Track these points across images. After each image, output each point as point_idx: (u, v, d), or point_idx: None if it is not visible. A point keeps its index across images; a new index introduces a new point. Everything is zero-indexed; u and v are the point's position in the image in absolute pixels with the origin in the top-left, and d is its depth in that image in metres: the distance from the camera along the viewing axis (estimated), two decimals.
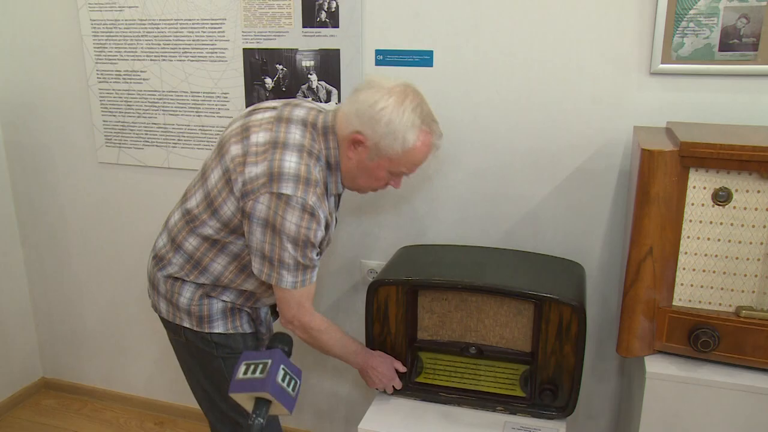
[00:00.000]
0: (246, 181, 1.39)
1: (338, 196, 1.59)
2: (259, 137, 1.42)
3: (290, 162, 1.38)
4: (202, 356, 1.60)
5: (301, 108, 1.49)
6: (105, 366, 2.70)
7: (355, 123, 1.42)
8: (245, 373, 0.95)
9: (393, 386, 1.69)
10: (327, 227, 1.47)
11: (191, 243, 1.51)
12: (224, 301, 1.56)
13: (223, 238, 1.48)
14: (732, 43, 1.61)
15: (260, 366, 0.95)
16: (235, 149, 1.43)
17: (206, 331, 1.56)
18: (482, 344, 1.69)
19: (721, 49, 1.62)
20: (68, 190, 2.50)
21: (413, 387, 1.74)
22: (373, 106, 1.40)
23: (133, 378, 2.66)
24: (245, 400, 0.96)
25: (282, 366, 0.96)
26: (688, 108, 1.68)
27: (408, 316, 1.70)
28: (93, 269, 2.57)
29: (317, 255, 1.47)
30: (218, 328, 1.56)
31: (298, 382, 0.98)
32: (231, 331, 1.57)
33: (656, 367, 1.40)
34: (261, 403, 0.94)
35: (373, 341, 1.73)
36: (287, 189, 1.36)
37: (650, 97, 1.71)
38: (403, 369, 1.70)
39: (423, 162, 1.49)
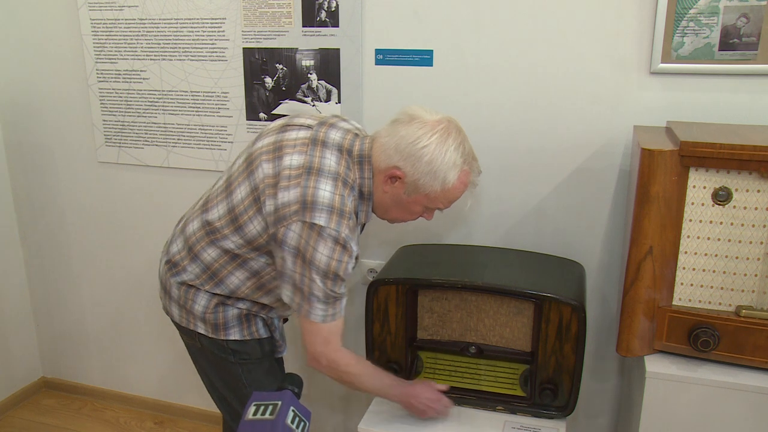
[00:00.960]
0: (278, 207, 1.35)
1: (363, 226, 1.55)
2: (293, 160, 1.38)
3: (324, 191, 1.34)
4: (218, 362, 1.58)
5: (337, 130, 1.45)
6: (105, 365, 2.70)
7: (395, 158, 1.38)
8: (255, 413, 0.94)
9: (445, 407, 1.61)
10: (356, 259, 1.43)
11: (210, 254, 1.48)
12: (239, 308, 1.53)
13: (245, 254, 1.45)
14: (732, 42, 1.61)
15: (270, 407, 0.94)
16: (266, 168, 1.39)
17: (222, 338, 1.53)
18: (482, 344, 1.69)
19: (721, 49, 1.62)
20: (68, 189, 2.50)
21: None
22: (415, 143, 1.36)
23: (133, 377, 2.66)
24: None
25: (292, 407, 0.95)
26: (688, 107, 1.68)
27: (408, 315, 1.70)
28: (93, 268, 2.57)
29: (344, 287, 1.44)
30: (234, 335, 1.53)
31: (307, 424, 0.97)
32: (247, 338, 1.55)
33: (656, 366, 1.40)
34: None
35: (373, 341, 1.73)
36: (320, 219, 1.32)
37: (650, 97, 1.71)
38: (445, 388, 1.62)
39: (458, 198, 1.46)
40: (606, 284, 1.91)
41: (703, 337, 1.35)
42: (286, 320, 1.83)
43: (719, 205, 1.33)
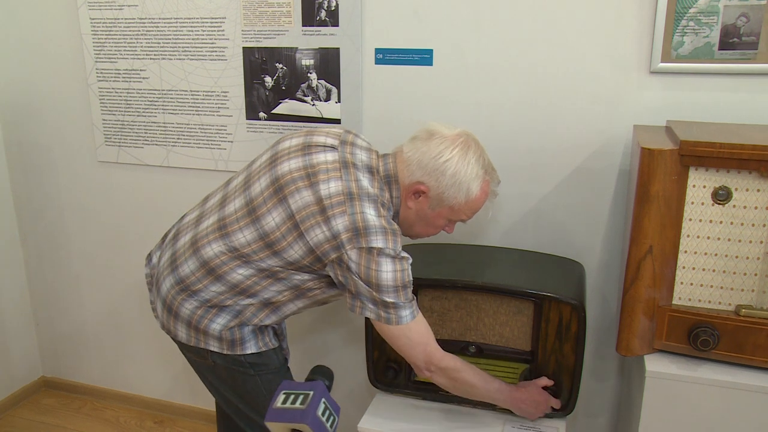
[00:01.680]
0: (329, 237, 1.36)
1: None
2: (330, 187, 1.38)
3: (371, 215, 1.37)
4: (234, 377, 1.55)
5: (361, 150, 1.48)
6: (105, 365, 2.70)
7: (418, 173, 1.43)
8: (284, 402, 0.92)
9: (553, 404, 1.61)
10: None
11: (241, 273, 1.45)
12: (254, 324, 1.52)
13: (285, 272, 1.44)
14: (732, 41, 1.61)
15: (301, 397, 0.92)
16: (305, 195, 1.38)
17: (239, 353, 1.51)
18: (482, 343, 1.69)
19: (721, 48, 1.62)
20: (68, 188, 2.50)
21: (413, 386, 1.74)
22: (437, 158, 1.41)
23: (133, 377, 2.66)
24: (279, 431, 0.93)
25: (323, 399, 0.93)
26: (688, 107, 1.68)
27: None
28: (93, 268, 2.57)
29: None
30: (251, 348, 1.52)
31: (336, 418, 0.95)
32: (263, 349, 1.54)
33: (656, 366, 1.40)
34: None
35: (374, 341, 1.73)
36: (377, 243, 1.35)
37: (650, 96, 1.71)
38: (549, 383, 1.62)
39: (480, 208, 1.51)
40: (606, 284, 1.91)
41: (703, 337, 1.35)
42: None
43: (719, 204, 1.32)
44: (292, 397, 0.93)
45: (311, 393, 0.92)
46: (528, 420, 1.64)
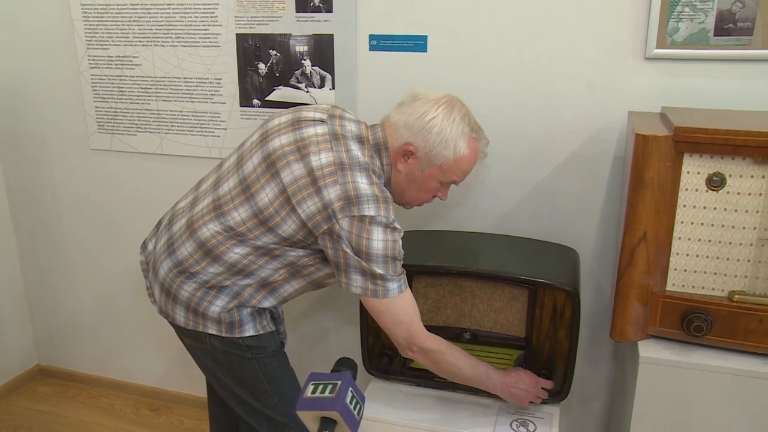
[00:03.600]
0: (321, 207, 1.36)
1: None
2: (321, 158, 1.38)
3: (363, 183, 1.37)
4: (231, 361, 1.56)
5: (350, 121, 1.49)
6: (100, 353, 2.70)
7: (405, 135, 1.44)
8: (314, 392, 0.97)
9: (543, 391, 1.61)
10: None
11: (238, 252, 1.45)
12: (252, 306, 1.53)
13: (280, 249, 1.45)
14: (727, 27, 1.60)
15: (330, 386, 0.97)
16: (296, 169, 1.39)
17: (237, 336, 1.52)
18: (477, 329, 1.70)
19: (716, 34, 1.62)
20: (60, 176, 2.49)
21: (408, 372, 1.75)
22: (422, 117, 1.43)
23: (129, 365, 2.67)
24: (309, 420, 0.97)
25: (350, 389, 0.98)
26: (683, 93, 1.68)
27: None
28: (87, 256, 2.56)
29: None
30: (249, 331, 1.52)
31: (363, 407, 1.00)
32: (261, 332, 1.54)
33: (650, 351, 1.41)
34: (327, 423, 0.95)
35: (368, 327, 1.73)
36: (369, 210, 1.35)
37: (645, 82, 1.71)
38: (549, 383, 1.62)
39: (471, 169, 1.51)
40: (600, 270, 1.92)
41: (696, 322, 1.36)
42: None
43: (713, 190, 1.33)
44: (321, 386, 0.98)
45: (339, 383, 0.97)
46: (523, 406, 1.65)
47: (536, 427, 1.60)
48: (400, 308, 1.43)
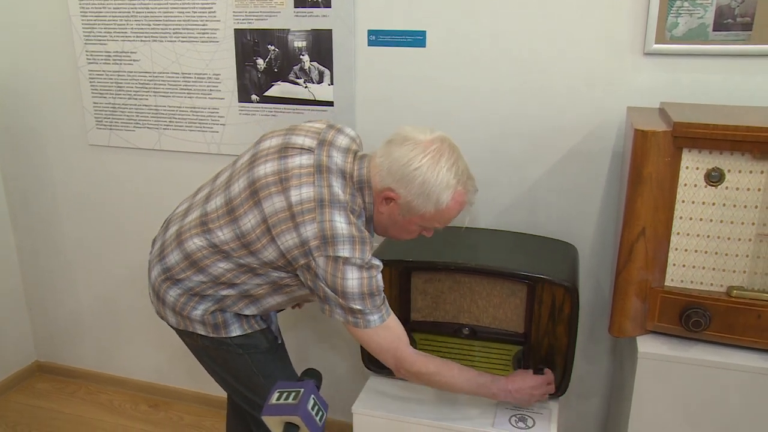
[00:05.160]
0: (298, 244, 1.36)
1: None
2: (302, 193, 1.37)
3: (340, 223, 1.35)
4: (224, 357, 1.57)
5: (339, 152, 1.45)
6: (99, 349, 2.70)
7: (388, 180, 1.39)
8: (278, 399, 1.05)
9: (548, 388, 1.60)
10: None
11: (222, 266, 1.46)
12: (234, 311, 1.54)
13: (264, 269, 1.45)
14: (726, 22, 1.60)
15: (293, 393, 1.05)
16: (276, 201, 1.38)
17: (224, 336, 1.53)
18: (475, 325, 1.70)
19: (715, 29, 1.61)
20: (59, 172, 2.48)
21: None
22: (407, 165, 1.37)
23: (127, 360, 2.67)
24: (275, 425, 1.05)
25: (312, 396, 1.05)
26: (682, 88, 1.68)
27: (401, 297, 1.70)
28: (85, 252, 2.56)
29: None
30: (235, 331, 1.54)
31: (325, 414, 1.07)
32: (249, 331, 1.55)
33: (648, 347, 1.41)
34: (290, 428, 1.03)
35: None
36: (344, 251, 1.34)
37: (644, 78, 1.71)
38: (550, 376, 1.61)
39: (455, 217, 1.46)
40: (599, 265, 1.92)
41: (695, 318, 1.36)
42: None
43: (712, 186, 1.33)
44: (285, 394, 1.06)
45: (302, 390, 1.05)
46: None
47: (535, 422, 1.60)
48: (384, 337, 1.43)
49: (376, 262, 1.40)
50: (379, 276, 1.40)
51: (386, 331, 1.43)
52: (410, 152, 1.37)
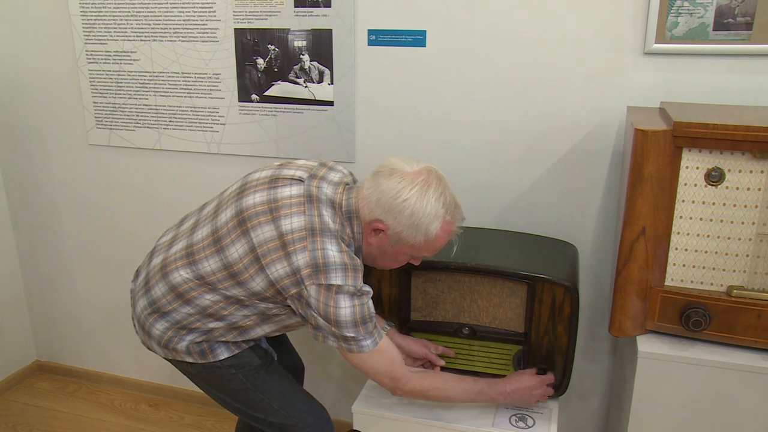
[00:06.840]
0: (288, 273, 1.36)
1: None
2: (293, 222, 1.37)
3: (332, 251, 1.36)
4: (218, 379, 1.57)
5: (329, 184, 1.45)
6: (99, 348, 2.70)
7: (377, 211, 1.40)
8: None
9: (548, 387, 1.63)
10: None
11: (209, 298, 1.46)
12: (222, 341, 1.54)
13: (251, 302, 1.45)
14: (726, 22, 1.60)
15: None
16: (266, 231, 1.38)
17: (212, 360, 1.53)
18: (475, 325, 1.70)
19: (715, 29, 1.61)
20: (59, 172, 2.48)
21: None
22: (395, 198, 1.38)
23: (128, 360, 2.67)
24: None
25: None
26: (682, 88, 1.68)
27: (401, 297, 1.70)
28: (85, 251, 2.56)
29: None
30: (223, 354, 1.53)
31: None
32: (236, 351, 1.55)
33: (648, 346, 1.41)
34: None
35: None
36: (337, 279, 1.35)
37: (644, 77, 1.71)
38: (550, 377, 1.63)
39: (443, 245, 1.48)
40: (599, 265, 1.92)
41: (695, 317, 1.36)
42: None
43: (712, 185, 1.33)
44: None
45: None
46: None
47: (535, 421, 1.60)
48: (378, 361, 1.44)
49: (367, 288, 1.41)
50: (370, 302, 1.41)
51: (380, 354, 1.44)
52: (398, 184, 1.38)
